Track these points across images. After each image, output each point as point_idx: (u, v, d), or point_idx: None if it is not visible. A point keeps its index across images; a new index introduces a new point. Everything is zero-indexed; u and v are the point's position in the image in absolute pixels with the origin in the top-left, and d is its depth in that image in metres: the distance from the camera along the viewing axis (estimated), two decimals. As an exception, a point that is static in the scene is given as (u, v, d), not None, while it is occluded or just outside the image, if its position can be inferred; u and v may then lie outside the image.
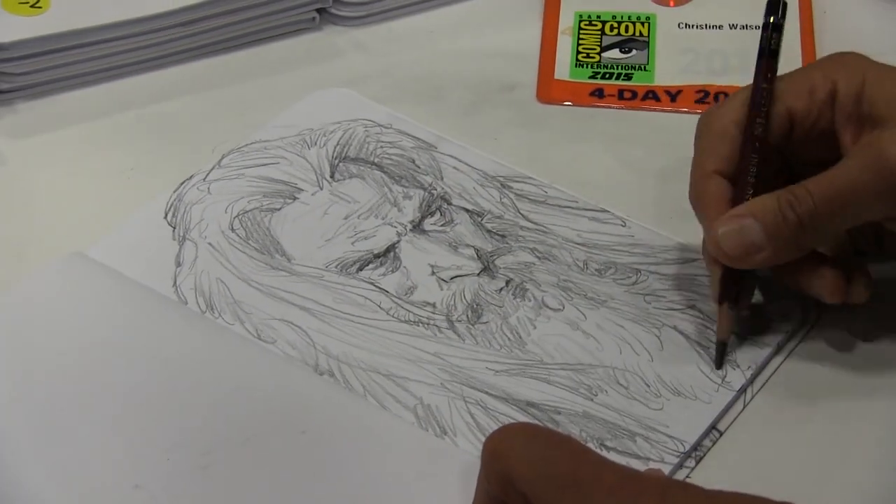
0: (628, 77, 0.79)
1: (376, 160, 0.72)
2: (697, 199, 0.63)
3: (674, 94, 0.77)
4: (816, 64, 0.64)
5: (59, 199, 0.71)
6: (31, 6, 0.77)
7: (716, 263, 0.62)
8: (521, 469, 0.48)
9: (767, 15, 0.65)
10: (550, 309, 0.64)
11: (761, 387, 0.61)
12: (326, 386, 0.60)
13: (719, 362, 0.61)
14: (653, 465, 0.56)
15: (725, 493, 0.47)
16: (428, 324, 0.63)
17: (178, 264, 0.66)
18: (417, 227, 0.68)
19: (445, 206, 0.69)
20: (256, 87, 0.79)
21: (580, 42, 0.81)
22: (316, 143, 0.73)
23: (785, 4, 0.65)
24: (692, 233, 0.67)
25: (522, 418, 0.58)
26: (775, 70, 0.64)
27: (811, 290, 0.62)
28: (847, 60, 0.63)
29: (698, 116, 0.65)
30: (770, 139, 0.62)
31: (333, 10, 0.83)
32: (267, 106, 0.76)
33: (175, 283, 0.65)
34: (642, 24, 0.82)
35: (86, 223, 0.69)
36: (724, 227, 0.60)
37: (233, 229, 0.67)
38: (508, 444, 0.49)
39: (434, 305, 0.64)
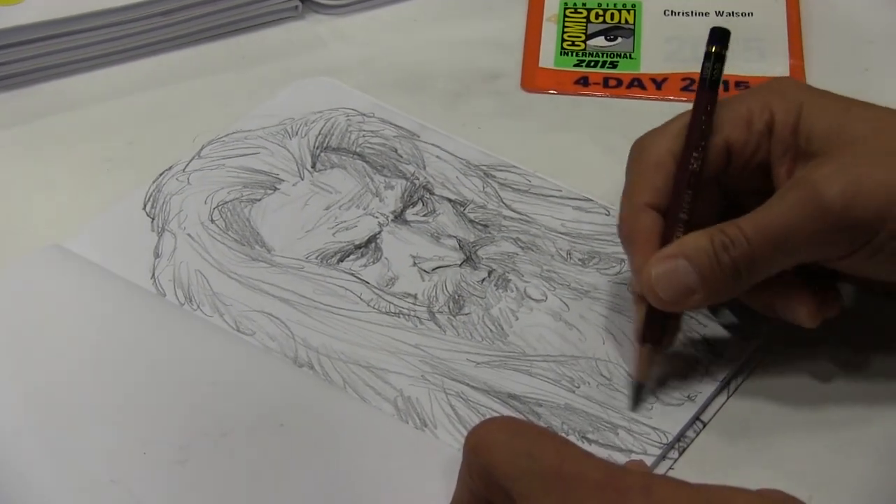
0: (613, 65, 0.78)
1: (358, 149, 0.71)
2: (628, 233, 0.60)
3: (659, 82, 0.77)
4: (755, 91, 0.61)
5: (37, 190, 0.71)
6: (9, -4, 0.76)
7: (641, 301, 0.59)
8: (503, 464, 0.47)
9: (710, 44, 0.61)
10: (533, 300, 0.63)
11: (745, 378, 0.60)
12: (306, 378, 0.59)
13: (633, 404, 0.59)
14: (635, 457, 0.56)
15: (709, 486, 0.46)
16: (409, 315, 0.62)
17: (157, 256, 0.65)
18: (399, 217, 0.67)
19: (428, 195, 0.68)
20: (238, 77, 0.78)
21: (565, 30, 0.80)
22: (297, 133, 0.72)
23: (728, 33, 0.61)
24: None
25: (504, 410, 0.58)
26: (715, 102, 0.60)
27: (788, 317, 0.59)
28: (784, 88, 0.60)
29: (683, 105, 0.63)
30: (706, 173, 0.59)
31: (316, -1, 0.83)
32: (248, 95, 0.76)
33: (153, 274, 0.64)
34: (628, 11, 0.81)
35: (63, 215, 0.68)
36: (658, 268, 0.57)
37: (212, 220, 0.66)
38: (491, 438, 0.48)
39: (415, 297, 0.63)
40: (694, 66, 0.62)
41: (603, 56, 0.78)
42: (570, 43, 0.79)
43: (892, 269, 0.57)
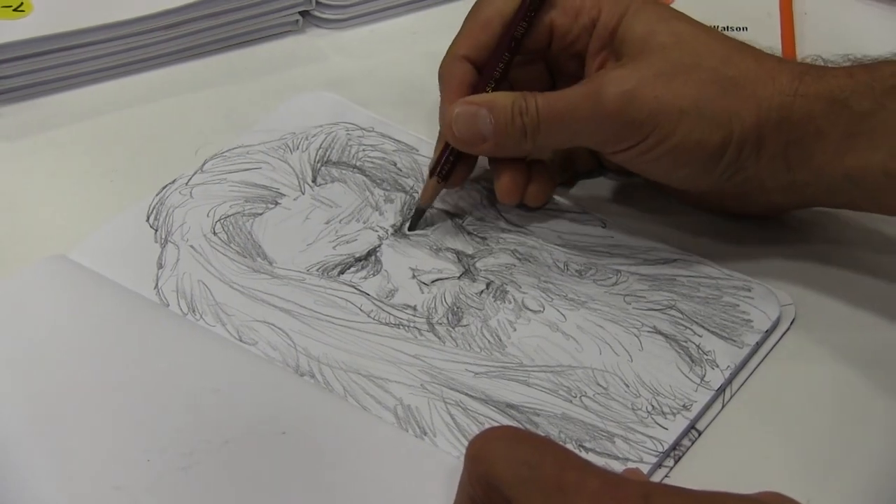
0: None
1: (358, 163, 0.72)
2: (442, 76, 0.68)
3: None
4: None
5: (42, 201, 0.71)
6: (14, 9, 0.77)
7: (442, 138, 0.67)
8: (504, 473, 0.48)
9: None
10: (530, 311, 0.64)
11: (740, 387, 0.61)
12: (307, 387, 0.60)
13: (413, 225, 0.67)
14: (631, 465, 0.57)
15: (708, 492, 0.47)
16: (408, 326, 0.63)
17: (160, 266, 0.66)
18: (399, 230, 0.68)
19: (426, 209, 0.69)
20: (239, 90, 0.79)
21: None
22: (298, 148, 0.73)
23: None
24: (672, 233, 0.68)
25: (502, 420, 0.59)
26: None
27: (494, 185, 0.67)
28: None
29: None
30: (528, 42, 0.66)
31: (316, 13, 0.84)
32: (249, 109, 0.77)
33: (157, 285, 0.65)
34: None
35: (68, 225, 0.69)
36: (460, 108, 0.65)
37: (215, 233, 0.67)
38: (492, 447, 0.49)
39: (415, 308, 0.64)
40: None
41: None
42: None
43: (660, 170, 0.64)
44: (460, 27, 0.69)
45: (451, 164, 0.67)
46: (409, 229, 0.67)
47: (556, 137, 0.65)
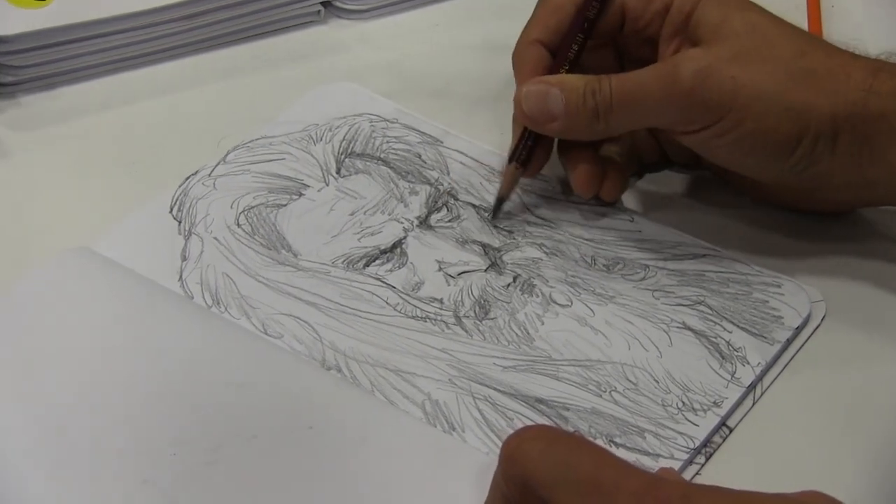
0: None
1: (382, 155, 0.71)
2: (516, 61, 0.68)
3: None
4: None
5: (63, 192, 0.71)
6: (36, -1, 0.77)
7: (517, 123, 0.68)
8: (541, 473, 0.47)
9: None
10: (558, 305, 0.63)
11: (771, 383, 0.61)
12: (334, 381, 0.59)
13: (495, 214, 0.68)
14: (662, 462, 0.56)
15: (750, 492, 0.47)
16: (435, 320, 0.62)
17: (184, 258, 0.65)
18: (424, 222, 0.67)
19: (452, 201, 0.69)
20: (261, 81, 0.79)
21: (586, 36, 0.81)
22: (321, 139, 0.72)
23: None
24: (700, 228, 0.68)
25: (531, 414, 0.58)
26: None
27: (567, 175, 0.68)
28: None
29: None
30: (600, 26, 0.67)
31: (338, 4, 0.83)
32: (271, 100, 0.76)
33: (181, 277, 0.64)
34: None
35: (90, 216, 0.69)
36: (530, 87, 0.65)
37: (238, 224, 0.67)
38: (527, 447, 0.48)
39: (441, 301, 0.63)
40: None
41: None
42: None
43: (731, 156, 0.64)
44: (532, 13, 0.69)
45: (529, 149, 0.67)
46: (492, 218, 0.67)
47: (629, 118, 0.64)
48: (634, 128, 0.67)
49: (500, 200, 0.68)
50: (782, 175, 0.63)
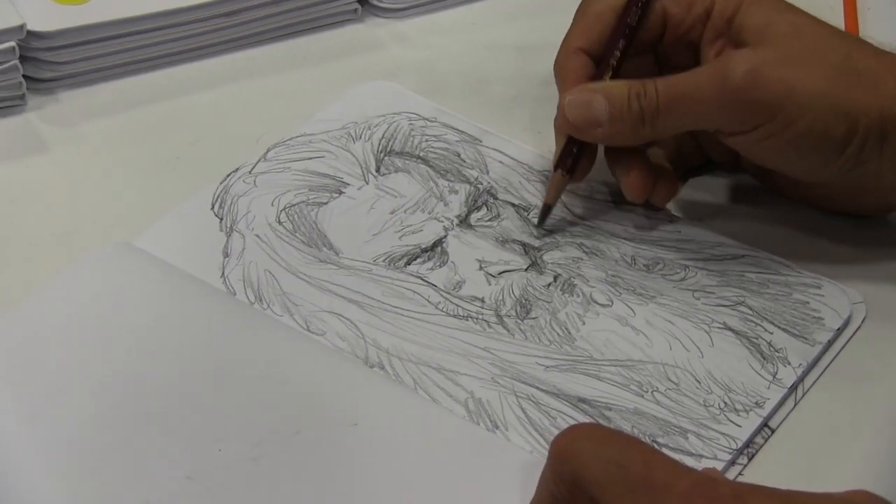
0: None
1: (421, 154, 0.72)
2: (559, 70, 0.68)
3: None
4: None
5: (103, 188, 0.71)
6: (76, -5, 0.77)
7: (562, 132, 0.67)
8: (591, 471, 0.47)
9: None
10: (599, 304, 0.64)
11: (812, 384, 0.61)
12: (377, 378, 0.60)
13: (541, 221, 0.67)
14: (706, 463, 0.56)
15: (799, 492, 0.47)
16: (477, 318, 0.63)
17: (226, 255, 0.66)
18: (464, 221, 0.68)
19: (492, 200, 0.69)
20: (298, 79, 0.79)
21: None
22: (361, 137, 0.73)
23: None
24: (739, 229, 0.68)
25: (574, 414, 0.59)
26: None
27: (619, 181, 0.67)
28: None
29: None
30: (641, 36, 0.67)
31: (375, 2, 0.83)
32: (309, 97, 0.77)
33: (223, 273, 0.65)
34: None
35: (130, 212, 0.69)
36: (573, 95, 0.65)
37: (280, 222, 0.67)
38: (577, 445, 0.48)
39: (482, 300, 0.64)
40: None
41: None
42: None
43: (780, 158, 0.64)
44: (572, 21, 0.69)
45: (574, 156, 0.67)
46: (538, 225, 0.67)
47: (677, 120, 0.64)
48: (682, 130, 0.67)
49: (548, 207, 0.67)
50: (830, 176, 0.63)
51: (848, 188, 0.65)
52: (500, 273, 0.65)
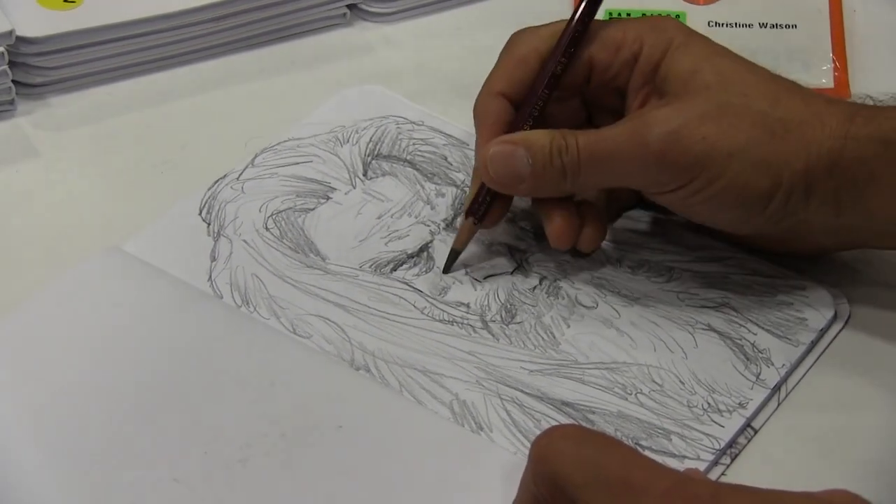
0: (658, 75, 0.79)
1: (409, 157, 0.72)
2: (477, 113, 0.66)
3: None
4: (633, 22, 0.66)
5: (92, 192, 0.72)
6: (65, 0, 0.77)
7: (477, 178, 0.65)
8: (571, 473, 0.47)
9: None
10: (584, 307, 0.64)
11: (795, 385, 0.61)
12: (363, 381, 0.60)
13: (448, 267, 0.65)
14: (688, 464, 0.57)
15: (778, 491, 0.47)
16: (462, 323, 0.63)
17: (213, 259, 0.66)
18: (450, 225, 0.68)
19: (478, 203, 0.69)
20: (287, 83, 0.80)
21: (609, 39, 0.81)
22: (348, 141, 0.73)
23: None
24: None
25: (558, 416, 0.59)
26: (593, 15, 0.65)
27: (544, 227, 0.65)
28: (662, 26, 0.64)
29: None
30: (566, 82, 0.65)
31: (364, 6, 0.84)
32: (297, 101, 0.77)
33: (210, 277, 0.65)
34: (672, 21, 0.82)
35: (119, 217, 0.69)
36: (496, 148, 0.63)
37: (267, 228, 0.68)
38: (557, 446, 0.49)
39: (468, 305, 0.64)
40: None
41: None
42: (614, 52, 0.80)
43: (705, 213, 0.62)
44: (496, 63, 0.67)
45: (487, 204, 0.65)
46: (444, 272, 0.65)
47: (598, 178, 0.63)
48: (603, 187, 0.65)
49: (456, 253, 0.66)
50: (757, 228, 0.62)
51: (778, 236, 0.63)
52: (485, 277, 0.65)
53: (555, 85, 0.64)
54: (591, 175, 0.62)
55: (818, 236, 0.63)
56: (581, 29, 0.64)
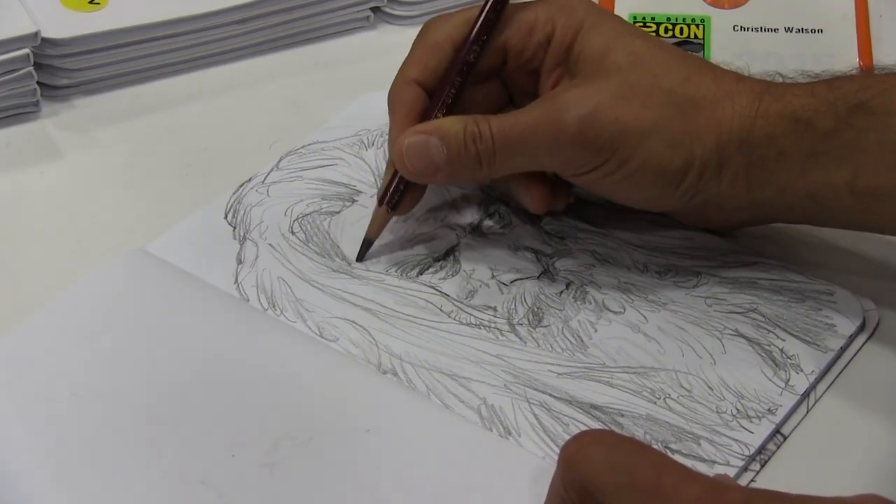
0: (683, 79, 0.78)
1: (434, 160, 0.72)
2: (391, 101, 0.66)
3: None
4: (544, 4, 0.65)
5: (117, 194, 0.72)
6: (90, 2, 0.78)
7: (391, 167, 0.65)
8: (601, 478, 0.47)
9: None
10: (611, 311, 0.64)
11: (825, 391, 0.61)
12: (390, 384, 0.60)
13: (361, 256, 0.66)
14: (718, 469, 0.57)
15: (808, 497, 0.47)
16: (489, 327, 0.63)
17: (240, 262, 0.66)
18: (476, 229, 0.68)
19: (503, 208, 0.69)
20: (311, 85, 0.80)
21: (634, 44, 0.81)
22: (373, 144, 0.73)
23: None
24: (750, 236, 0.68)
25: (586, 420, 0.59)
26: (506, 2, 0.65)
27: (520, 201, 0.65)
28: (572, 6, 0.64)
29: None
30: (481, 68, 0.65)
31: (388, 9, 0.84)
32: (321, 104, 0.77)
33: (237, 279, 0.65)
34: (697, 26, 0.82)
35: (143, 219, 0.69)
36: (411, 139, 0.62)
37: (293, 232, 0.67)
38: (587, 452, 0.48)
39: (495, 309, 0.64)
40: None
41: (672, 70, 0.79)
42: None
43: (621, 193, 0.63)
44: (410, 51, 0.67)
45: (401, 192, 0.65)
46: (358, 260, 0.66)
47: (513, 163, 0.63)
48: (519, 171, 0.64)
49: (368, 242, 0.66)
50: (671, 206, 0.63)
51: (692, 211, 0.64)
52: (512, 281, 0.65)
53: (468, 72, 0.64)
54: (506, 160, 0.62)
55: (731, 212, 0.64)
56: (493, 17, 0.65)
